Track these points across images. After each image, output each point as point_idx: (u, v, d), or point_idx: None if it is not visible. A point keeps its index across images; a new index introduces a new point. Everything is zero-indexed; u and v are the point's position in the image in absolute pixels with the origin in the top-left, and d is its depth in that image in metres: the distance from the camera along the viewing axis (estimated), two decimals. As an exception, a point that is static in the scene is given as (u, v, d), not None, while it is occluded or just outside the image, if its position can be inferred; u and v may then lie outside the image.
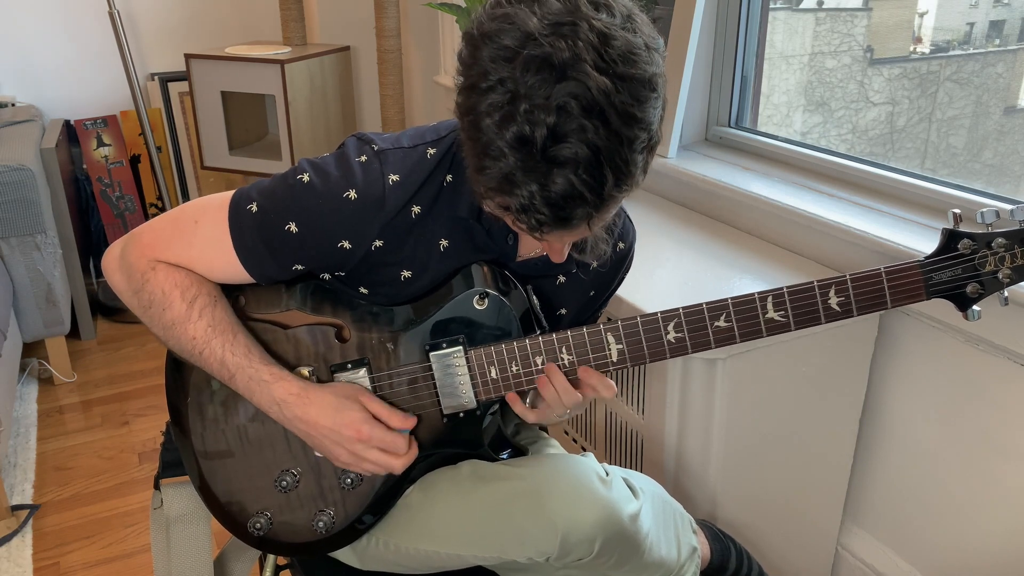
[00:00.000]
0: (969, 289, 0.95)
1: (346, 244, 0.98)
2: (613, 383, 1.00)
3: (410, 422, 1.03)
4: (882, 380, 1.57)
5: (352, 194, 0.96)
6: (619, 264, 1.15)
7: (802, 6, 2.01)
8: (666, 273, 1.54)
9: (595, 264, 1.11)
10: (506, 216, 0.87)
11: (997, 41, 1.65)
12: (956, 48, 1.71)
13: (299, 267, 1.01)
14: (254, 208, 0.98)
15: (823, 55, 1.98)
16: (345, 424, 0.98)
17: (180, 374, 1.08)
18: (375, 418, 1.01)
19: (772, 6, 1.91)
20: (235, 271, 1.01)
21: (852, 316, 0.97)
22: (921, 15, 1.81)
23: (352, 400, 1.00)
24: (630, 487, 1.06)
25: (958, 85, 1.70)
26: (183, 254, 1.01)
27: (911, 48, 1.82)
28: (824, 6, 2.00)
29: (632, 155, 0.80)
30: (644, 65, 0.80)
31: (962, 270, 0.95)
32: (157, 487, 1.18)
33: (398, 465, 1.01)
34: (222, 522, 1.09)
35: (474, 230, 1.02)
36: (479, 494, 1.03)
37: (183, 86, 3.25)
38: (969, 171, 1.65)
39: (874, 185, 1.61)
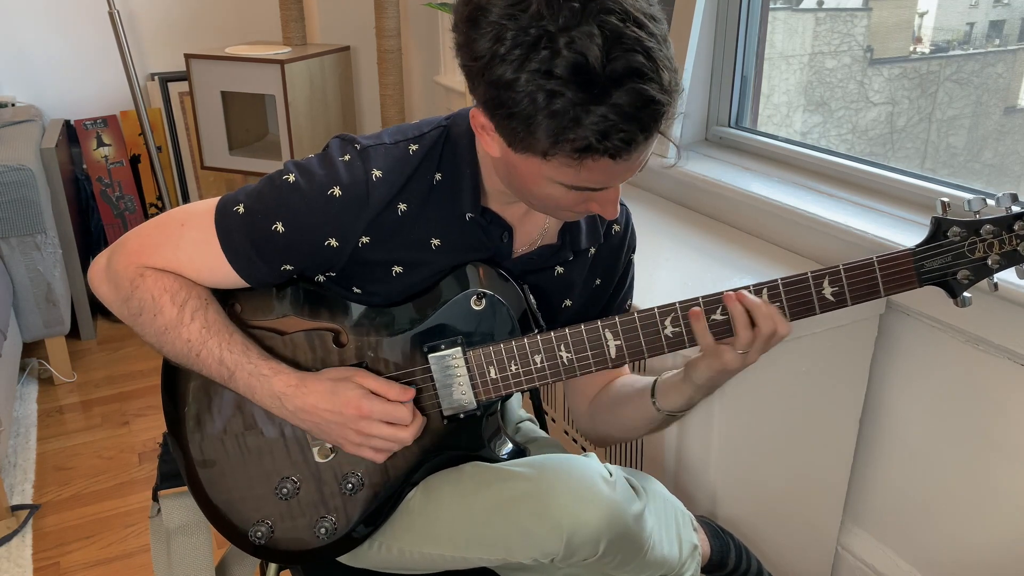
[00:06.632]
0: (960, 276, 0.96)
1: (333, 242, 0.98)
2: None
3: (408, 393, 1.01)
4: (882, 380, 1.57)
5: (336, 191, 0.96)
6: (619, 248, 1.15)
7: (802, 6, 2.01)
8: (666, 273, 1.54)
9: (593, 249, 1.11)
10: (583, 160, 0.83)
11: (997, 41, 1.65)
12: (956, 48, 1.71)
13: (288, 267, 1.00)
14: (241, 210, 0.98)
15: (823, 55, 1.98)
16: (344, 403, 0.98)
17: (176, 385, 1.08)
18: (374, 394, 1.00)
19: (772, 6, 1.91)
20: (224, 273, 1.00)
21: (847, 305, 0.97)
22: (921, 15, 1.81)
23: (347, 380, 1.00)
24: (632, 487, 1.06)
25: (958, 85, 1.70)
26: (171, 258, 1.00)
27: (911, 48, 1.82)
28: (824, 6, 2.00)
29: (668, 51, 0.83)
30: None
31: (952, 257, 0.95)
32: (155, 499, 1.17)
33: (407, 436, 1.00)
34: (222, 532, 1.08)
35: (469, 228, 1.02)
36: (482, 496, 1.03)
37: (183, 86, 3.25)
38: (969, 171, 1.65)
39: (874, 185, 1.61)
